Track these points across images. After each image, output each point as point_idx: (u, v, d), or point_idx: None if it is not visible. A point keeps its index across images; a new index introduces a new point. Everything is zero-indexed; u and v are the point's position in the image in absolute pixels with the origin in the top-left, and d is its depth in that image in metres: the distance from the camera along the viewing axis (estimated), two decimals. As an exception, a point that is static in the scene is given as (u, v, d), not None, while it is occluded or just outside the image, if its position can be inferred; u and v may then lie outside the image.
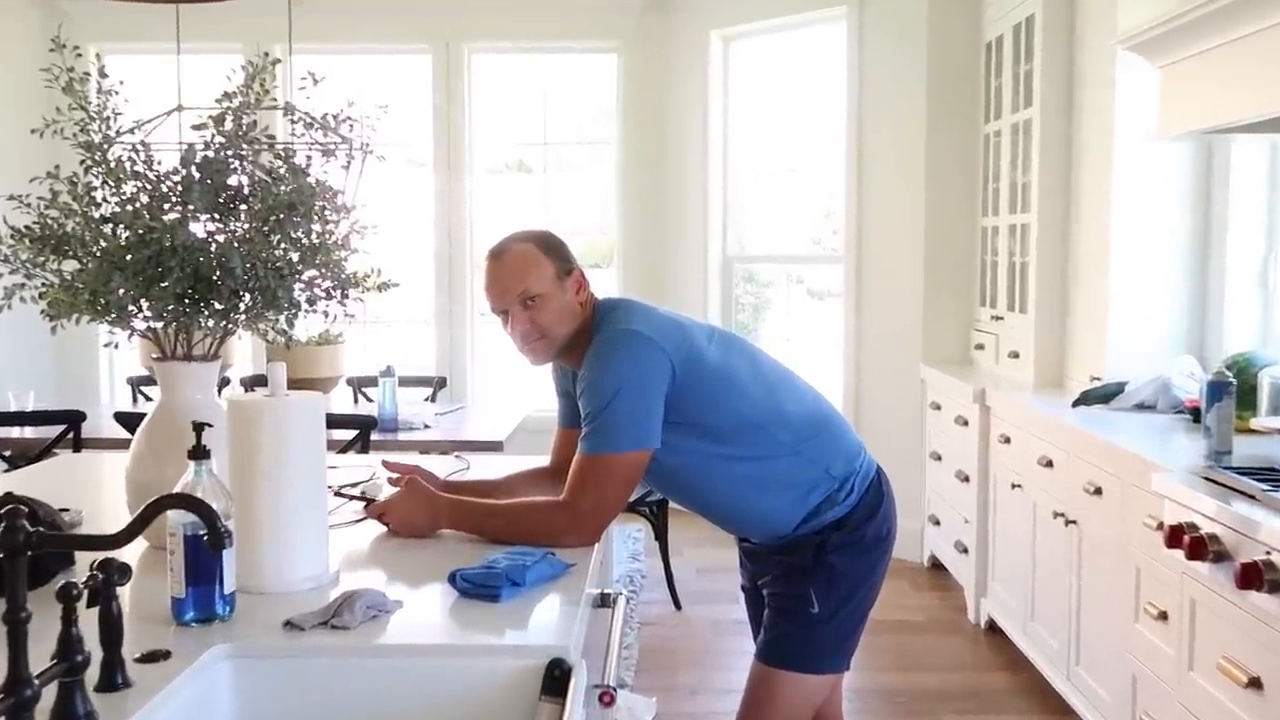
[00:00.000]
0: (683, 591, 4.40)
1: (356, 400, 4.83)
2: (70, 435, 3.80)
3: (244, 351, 5.25)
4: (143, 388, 4.84)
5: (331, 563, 1.75)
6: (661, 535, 4.34)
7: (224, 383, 4.85)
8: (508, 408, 4.47)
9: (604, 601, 1.98)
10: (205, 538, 1.35)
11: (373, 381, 4.51)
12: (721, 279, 5.64)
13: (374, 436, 3.81)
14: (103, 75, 1.86)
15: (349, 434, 3.71)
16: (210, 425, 1.52)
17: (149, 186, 1.74)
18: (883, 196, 5.00)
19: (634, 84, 5.70)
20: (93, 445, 3.78)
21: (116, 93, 1.86)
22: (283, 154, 1.82)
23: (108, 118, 1.83)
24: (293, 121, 1.87)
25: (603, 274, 5.88)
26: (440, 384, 5.02)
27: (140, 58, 5.62)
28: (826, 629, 2.10)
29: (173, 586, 1.50)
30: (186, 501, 1.22)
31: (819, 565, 2.08)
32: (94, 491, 2.50)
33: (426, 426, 4.06)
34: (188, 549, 1.48)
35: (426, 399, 4.94)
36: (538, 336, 2.03)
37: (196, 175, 1.67)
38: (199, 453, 1.52)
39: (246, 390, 4.84)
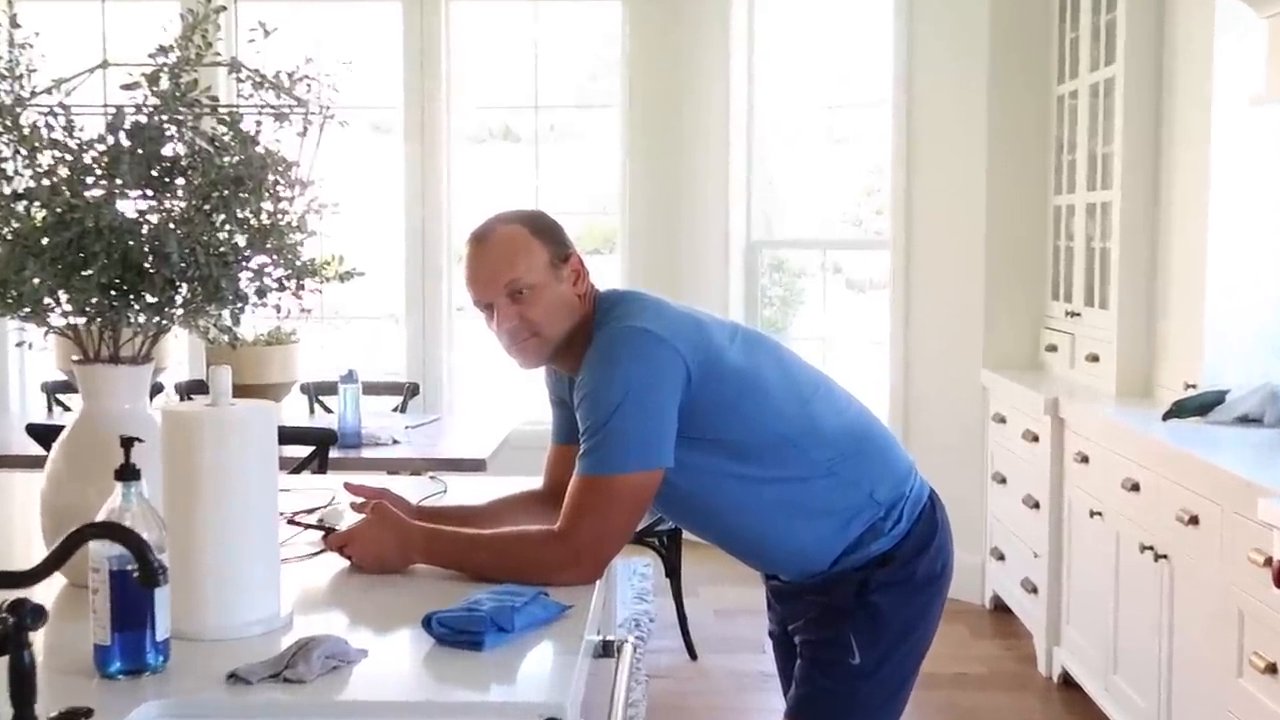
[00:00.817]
0: (698, 638, 4.39)
1: (313, 410, 4.83)
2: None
3: (180, 353, 5.25)
4: (60, 395, 4.84)
5: (284, 604, 1.75)
6: (674, 571, 4.33)
7: (156, 389, 4.85)
8: (492, 420, 4.47)
9: (607, 650, 1.98)
10: (135, 574, 1.35)
11: (332, 388, 4.50)
12: (745, 267, 5.64)
13: (333, 454, 3.81)
14: (14, 25, 1.85)
15: (304, 450, 3.71)
16: (141, 440, 1.52)
17: (69, 157, 1.74)
18: (936, 170, 4.99)
19: (642, 37, 5.70)
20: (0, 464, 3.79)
21: (31, 45, 1.86)
22: (228, 119, 1.82)
23: (20, 75, 1.83)
24: (239, 80, 1.87)
25: (604, 261, 5.88)
26: (412, 391, 5.02)
27: (59, 5, 5.63)
28: (869, 683, 2.10)
29: (96, 632, 1.50)
30: (112, 531, 1.22)
31: (861, 607, 2.08)
32: (1, 519, 2.50)
33: (395, 442, 4.07)
34: (114, 588, 1.48)
35: (395, 409, 4.94)
36: (528, 334, 2.03)
37: (126, 144, 1.67)
38: (128, 473, 1.51)
39: (183, 398, 4.84)
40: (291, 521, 2.14)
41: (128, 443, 1.52)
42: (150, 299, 1.78)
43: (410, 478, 3.22)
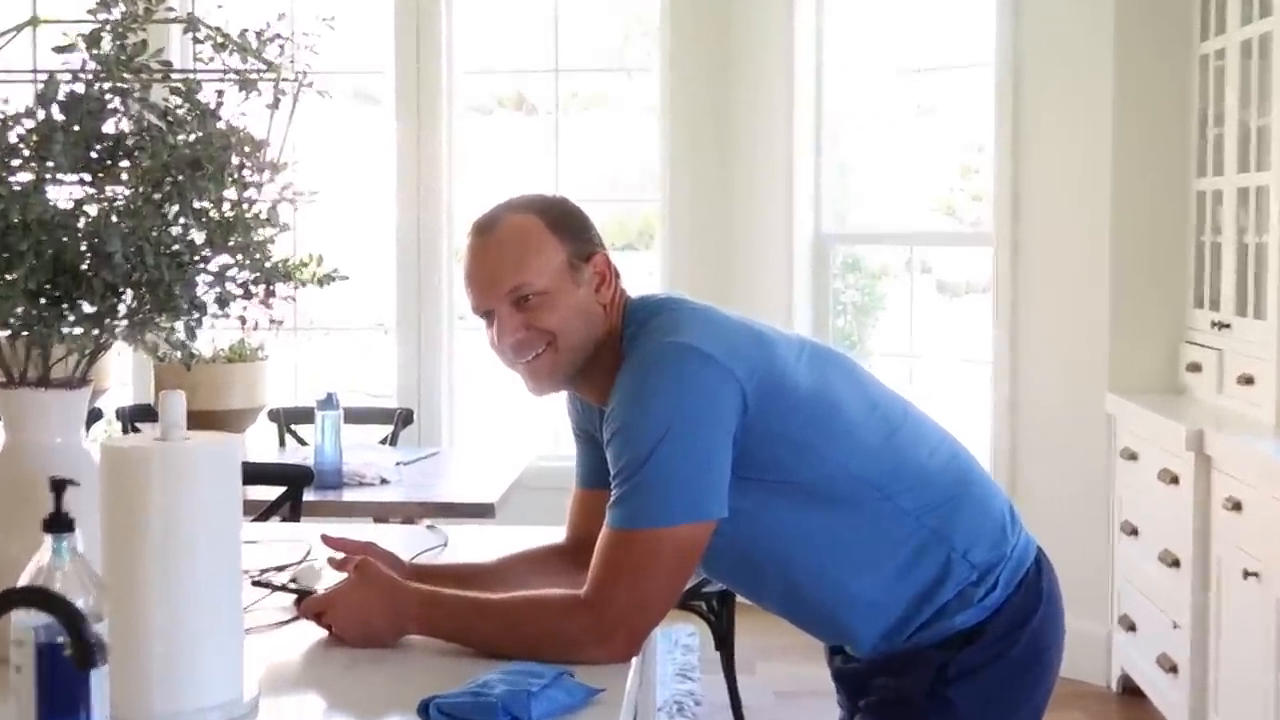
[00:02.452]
0: (755, 725, 4.36)
1: (283, 443, 4.85)
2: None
3: (123, 372, 5.29)
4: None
5: (248, 684, 1.74)
6: (726, 643, 4.31)
7: (95, 416, 4.88)
8: (502, 455, 4.47)
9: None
10: (67, 651, 1.34)
11: (307, 416, 4.52)
12: (812, 266, 5.62)
13: (309, 496, 3.82)
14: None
15: (273, 492, 3.71)
16: (75, 483, 1.52)
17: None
18: (1050, 148, 4.96)
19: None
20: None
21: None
22: (183, 88, 1.82)
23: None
24: (197, 42, 1.87)
25: (638, 259, 5.88)
26: (404, 419, 5.03)
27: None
28: None
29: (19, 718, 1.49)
30: (38, 598, 1.22)
31: (933, 701, 2.05)
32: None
33: (384, 481, 4.08)
34: (41, 665, 1.47)
35: (384, 441, 4.96)
36: (540, 348, 2.02)
37: (60, 119, 1.67)
38: (59, 524, 1.50)
39: (127, 428, 4.87)
40: (258, 583, 2.14)
41: (59, 486, 1.51)
42: (88, 308, 1.78)
43: (403, 527, 3.22)
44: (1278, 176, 3.99)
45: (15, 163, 1.71)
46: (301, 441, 4.77)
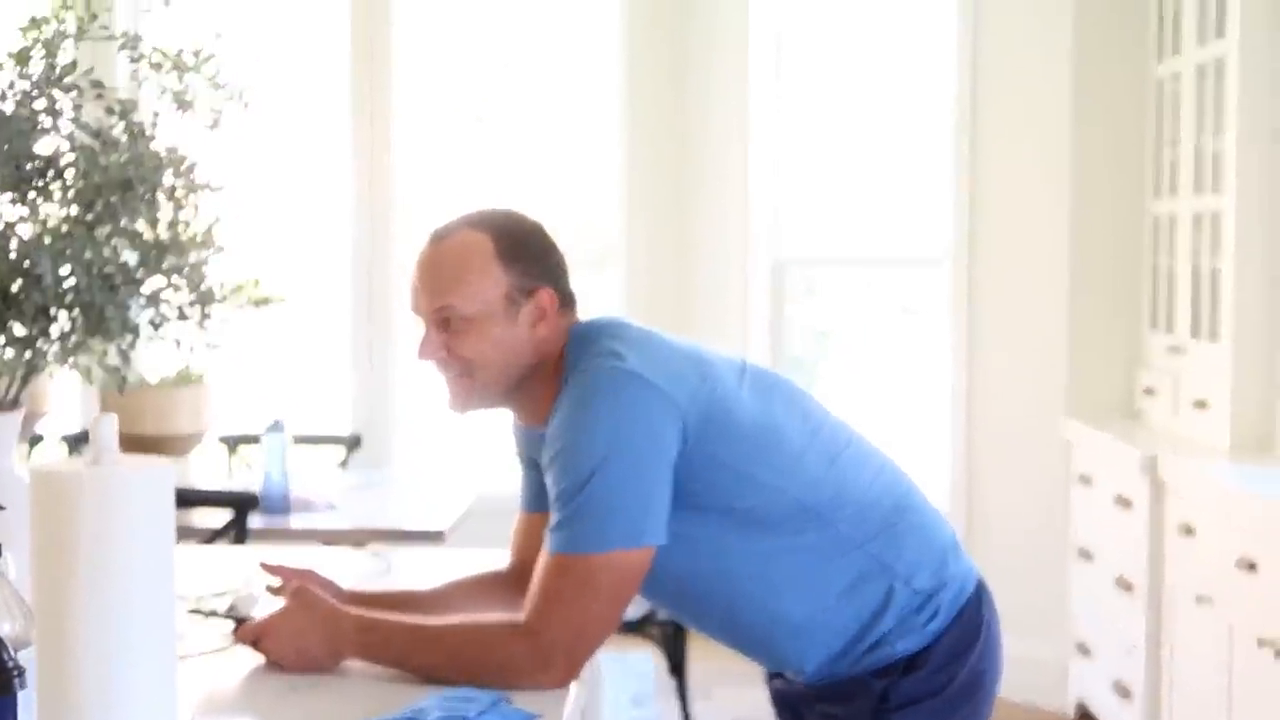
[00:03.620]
0: (711, 754, 4.36)
1: (231, 468, 4.83)
2: None
3: (67, 394, 5.25)
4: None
5: (182, 713, 1.74)
6: (679, 669, 4.31)
7: (35, 441, 4.85)
8: (453, 480, 4.46)
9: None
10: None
11: (255, 440, 4.50)
12: (771, 290, 5.64)
13: (255, 521, 3.81)
14: None
15: (219, 517, 3.70)
16: (2, 508, 1.52)
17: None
18: (1006, 170, 4.99)
19: (643, 18, 5.71)
20: None
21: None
22: (118, 108, 1.83)
23: None
24: (134, 61, 1.88)
25: (599, 281, 5.87)
26: (354, 444, 5.02)
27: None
28: None
29: (-59, 749, 1.49)
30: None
31: None
32: None
33: (332, 507, 4.05)
34: (-35, 692, 1.47)
35: (337, 465, 4.94)
36: (457, 372, 2.03)
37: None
38: (-16, 548, 1.51)
39: (70, 452, 4.84)
40: (194, 610, 2.14)
41: (-15, 511, 1.52)
42: (19, 332, 1.78)
43: (347, 551, 3.20)
44: (1232, 200, 4.02)
45: (-55, 183, 1.72)
46: (249, 466, 4.74)
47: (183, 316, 1.87)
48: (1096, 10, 4.77)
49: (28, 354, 1.80)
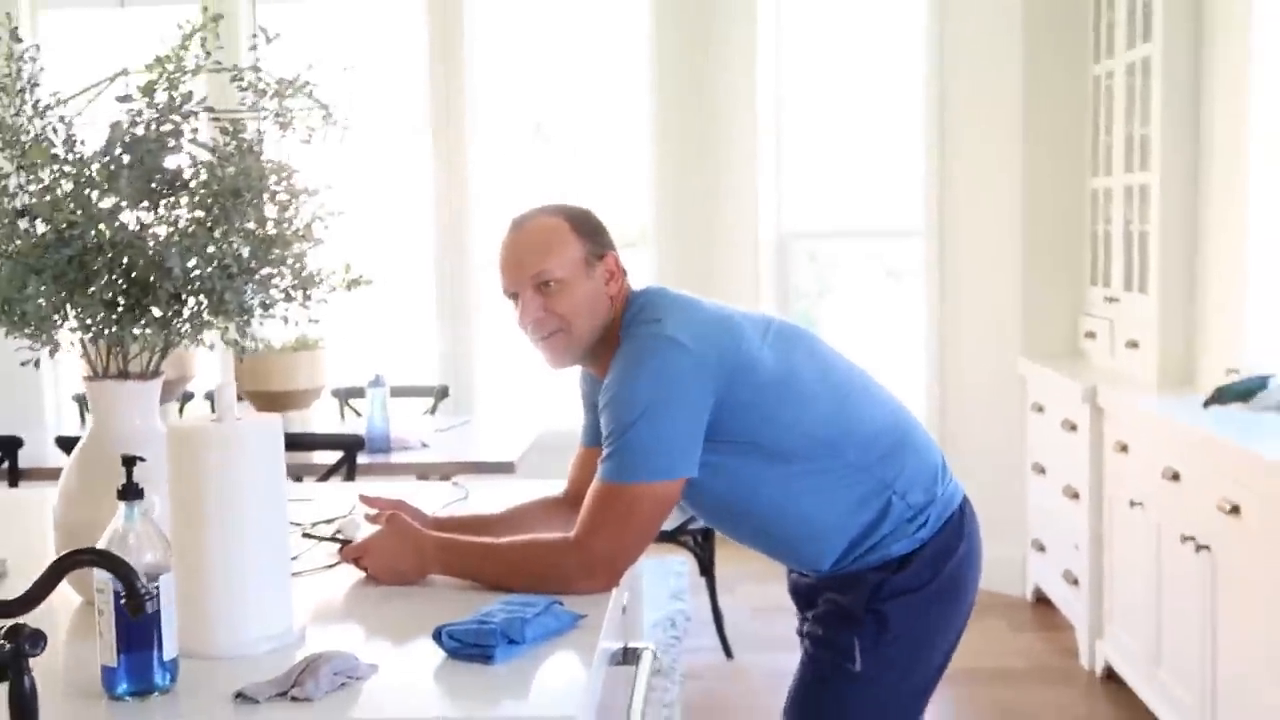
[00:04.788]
0: (735, 636, 4.37)
1: (344, 416, 4.84)
2: (5, 465, 3.84)
3: (211, 360, 5.28)
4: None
5: (297, 618, 1.74)
6: (708, 570, 4.31)
7: (187, 398, 4.88)
8: (520, 421, 4.46)
9: (627, 658, 1.96)
10: (122, 599, 1.34)
11: (362, 393, 4.51)
12: (776, 259, 5.59)
13: (362, 459, 3.82)
14: (15, 39, 1.85)
15: (333, 456, 3.72)
16: (143, 459, 1.52)
17: (71, 171, 1.74)
18: (970, 154, 4.94)
19: (669, 23, 5.65)
20: (33, 476, 3.81)
21: (34, 59, 1.86)
22: (230, 128, 1.81)
23: (21, 90, 1.83)
24: (242, 89, 1.86)
25: (635, 258, 5.84)
26: (441, 394, 5.01)
27: (82, 12, 5.68)
28: (866, 695, 2.08)
29: (103, 653, 1.50)
30: (99, 558, 1.22)
31: (871, 613, 2.06)
32: (27, 534, 2.51)
33: (424, 446, 4.07)
34: (119, 609, 1.47)
35: (426, 412, 4.94)
36: (555, 328, 2.02)
37: (125, 158, 1.66)
38: (129, 492, 1.51)
39: (213, 407, 4.87)
40: (307, 535, 2.14)
41: (129, 461, 1.51)
42: (156, 313, 1.77)
43: (432, 483, 3.21)
44: (1157, 176, 3.97)
45: (93, 194, 1.70)
46: (358, 414, 4.76)
47: (288, 298, 1.85)
48: (1042, 19, 4.70)
49: (164, 332, 1.79)
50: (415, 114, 5.79)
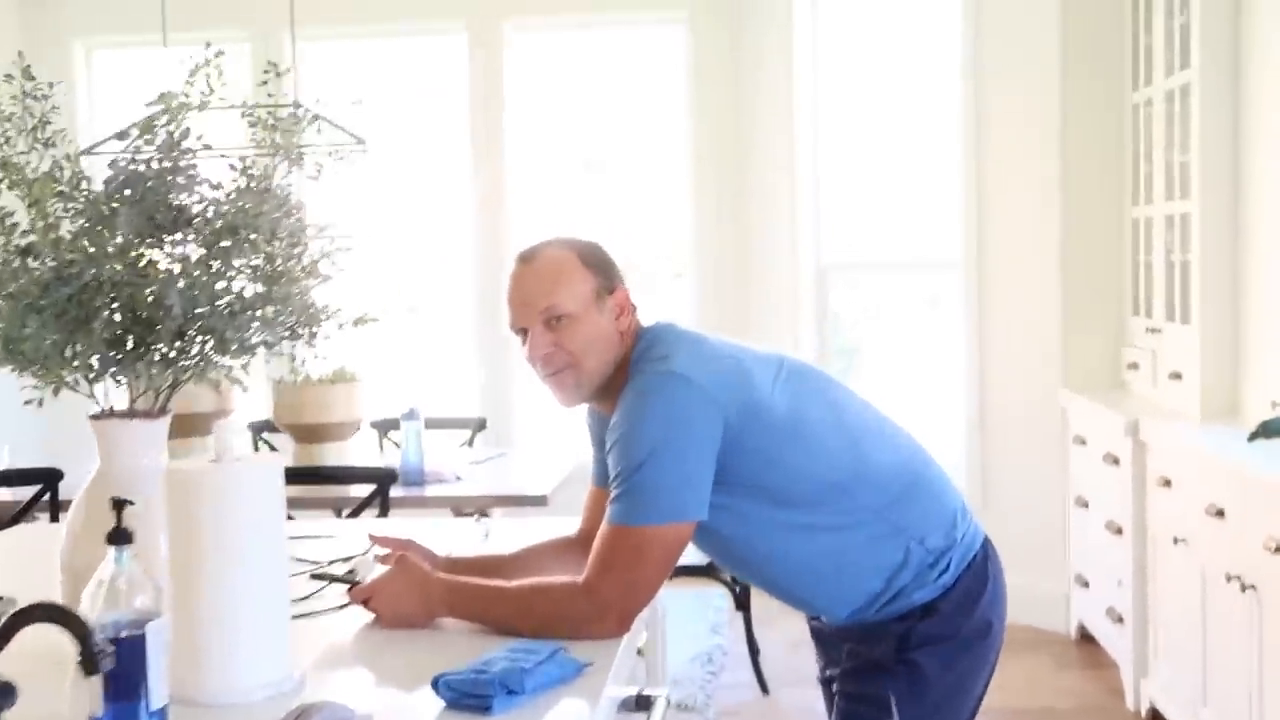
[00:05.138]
0: (771, 671, 4.27)
1: (382, 448, 4.80)
2: (47, 497, 3.82)
3: (254, 392, 5.26)
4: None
5: (299, 663, 1.68)
6: (744, 603, 4.22)
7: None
8: (556, 455, 4.39)
9: (641, 705, 1.89)
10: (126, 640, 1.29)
11: (399, 426, 4.46)
12: (815, 291, 5.51)
13: (397, 492, 3.76)
14: (28, 77, 1.82)
15: (366, 489, 3.66)
16: (132, 503, 1.46)
17: (74, 209, 1.70)
18: (1008, 184, 4.84)
19: (706, 61, 5.60)
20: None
21: (46, 96, 1.83)
22: (237, 165, 1.76)
23: (34, 127, 1.80)
24: (251, 125, 1.81)
25: (676, 288, 5.77)
26: (479, 426, 4.96)
27: (133, 52, 5.73)
28: None
29: (90, 702, 1.44)
30: (52, 614, 1.15)
31: (902, 664, 1.96)
32: (50, 571, 2.47)
33: (459, 479, 4.01)
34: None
35: (464, 444, 4.89)
36: (564, 364, 1.95)
37: (122, 194, 1.62)
38: (118, 536, 1.45)
39: (256, 439, 4.84)
40: (316, 575, 2.08)
41: (119, 505, 1.46)
42: (160, 352, 1.73)
43: (454, 520, 3.15)
44: (1198, 204, 3.86)
45: (94, 232, 1.66)
46: (396, 446, 4.71)
47: (294, 335, 1.80)
48: (1080, 47, 4.61)
49: (167, 370, 1.75)
50: (458, 148, 5.78)
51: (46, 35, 5.64)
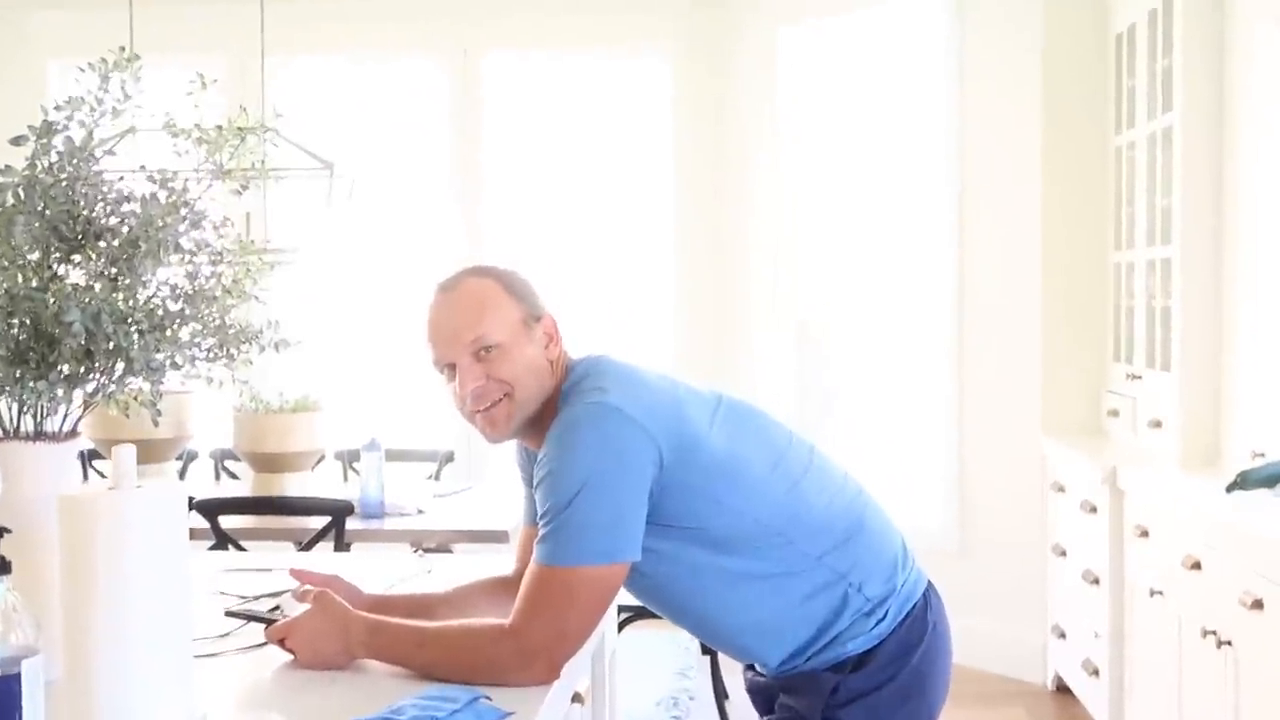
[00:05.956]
0: (738, 717, 4.12)
1: (346, 478, 4.69)
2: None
3: (214, 419, 5.14)
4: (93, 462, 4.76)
5: (202, 706, 1.57)
6: (710, 649, 4.08)
7: (191, 458, 4.75)
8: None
9: (572, 756, 1.77)
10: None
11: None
12: (795, 339, 5.42)
13: (355, 524, 3.66)
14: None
15: (321, 521, 3.55)
16: (9, 530, 1.36)
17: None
18: (988, 228, 4.76)
19: (686, 101, 5.55)
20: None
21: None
22: (157, 178, 1.67)
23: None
24: (173, 135, 1.72)
25: (653, 330, 5.66)
26: (447, 459, 4.85)
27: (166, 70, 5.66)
28: None
29: (-44, 746, 1.33)
30: None
31: None
32: None
33: (421, 512, 3.90)
34: (-27, 696, 1.31)
35: (430, 477, 4.78)
36: (497, 397, 1.85)
37: (14, 202, 1.52)
38: (-5, 567, 1.35)
39: (218, 468, 4.73)
40: (230, 613, 1.97)
41: (-4, 533, 1.36)
42: (65, 371, 1.62)
43: (397, 556, 3.04)
44: (1179, 249, 3.78)
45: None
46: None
47: (212, 357, 1.70)
48: (1063, 89, 4.53)
49: (72, 390, 1.64)
50: (433, 176, 5.69)
51: (20, 54, 5.57)
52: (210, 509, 3.43)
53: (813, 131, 5.40)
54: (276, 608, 1.99)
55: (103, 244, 1.61)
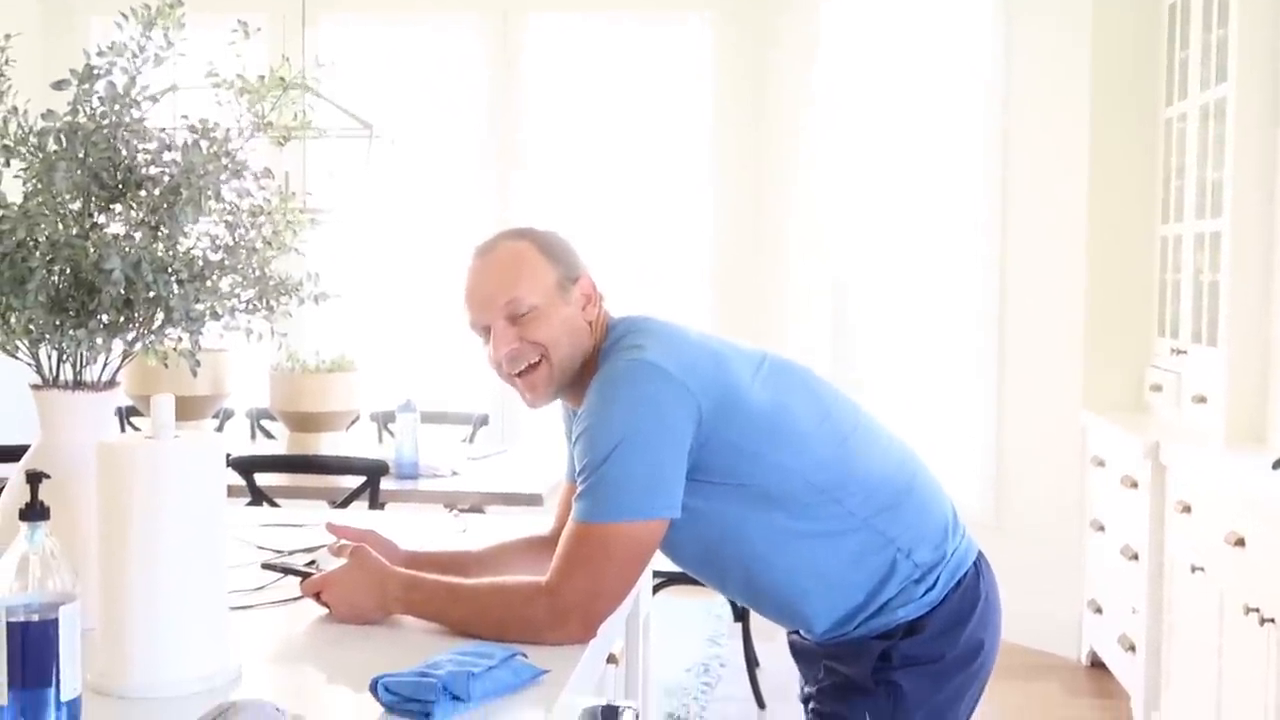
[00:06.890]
0: (768, 685, 4.13)
1: (381, 439, 4.70)
2: None
3: (256, 377, 5.17)
4: (133, 419, 4.78)
5: (237, 658, 1.57)
6: (744, 614, 4.08)
7: (227, 416, 4.77)
8: (556, 453, 4.27)
9: (605, 717, 1.76)
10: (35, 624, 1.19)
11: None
12: (833, 304, 5.38)
13: (389, 485, 3.67)
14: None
15: (355, 481, 3.56)
16: (48, 476, 1.35)
17: (23, 164, 1.60)
18: (1033, 199, 4.70)
19: (727, 67, 5.49)
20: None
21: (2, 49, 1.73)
22: (198, 127, 1.65)
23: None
24: (214, 86, 1.70)
25: (692, 295, 5.64)
26: (482, 422, 4.85)
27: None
28: None
29: (-6, 689, 1.33)
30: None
31: (881, 685, 1.82)
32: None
33: (454, 474, 3.90)
34: (13, 640, 1.31)
35: (464, 440, 4.78)
36: (533, 359, 1.83)
37: (56, 149, 1.51)
38: (33, 513, 1.34)
39: (254, 426, 4.75)
40: (267, 565, 1.96)
41: (34, 479, 1.35)
42: (105, 320, 1.62)
43: (432, 516, 3.03)
44: (1229, 223, 3.71)
45: (27, 188, 1.56)
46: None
47: (252, 309, 1.69)
48: (1113, 61, 4.46)
49: (112, 339, 1.64)
50: (471, 138, 5.67)
51: (62, 12, 5.58)
52: (246, 466, 3.45)
53: (855, 100, 5.34)
54: (313, 561, 1.98)
55: (144, 192, 1.60)
